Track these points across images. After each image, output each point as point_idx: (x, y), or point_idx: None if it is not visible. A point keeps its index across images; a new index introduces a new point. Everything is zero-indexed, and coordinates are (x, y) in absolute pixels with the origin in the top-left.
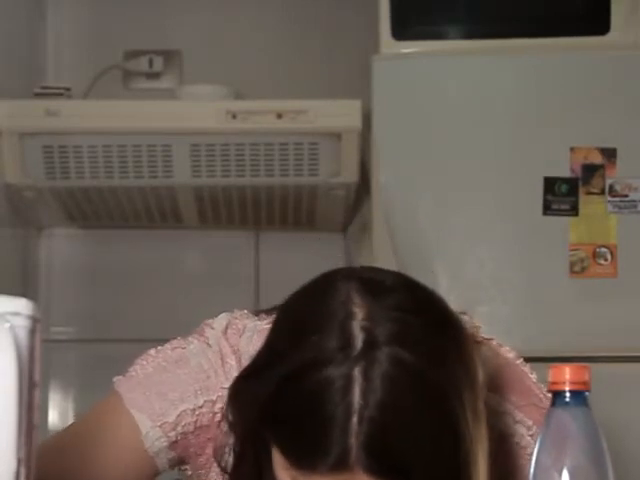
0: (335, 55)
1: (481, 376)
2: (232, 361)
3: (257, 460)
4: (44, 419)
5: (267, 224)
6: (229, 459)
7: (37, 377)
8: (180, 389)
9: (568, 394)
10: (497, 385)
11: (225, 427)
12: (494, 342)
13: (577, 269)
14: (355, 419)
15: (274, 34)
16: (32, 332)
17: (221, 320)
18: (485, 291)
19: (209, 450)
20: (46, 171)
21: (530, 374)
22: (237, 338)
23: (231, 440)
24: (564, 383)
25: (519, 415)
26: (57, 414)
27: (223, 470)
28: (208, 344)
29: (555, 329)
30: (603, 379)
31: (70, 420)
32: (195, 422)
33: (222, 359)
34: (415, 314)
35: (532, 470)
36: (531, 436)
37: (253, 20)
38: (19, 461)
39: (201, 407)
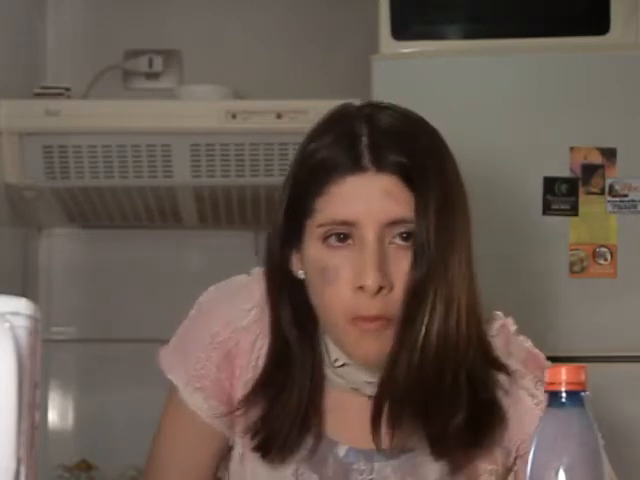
0: (335, 55)
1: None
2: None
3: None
4: (44, 419)
5: (267, 224)
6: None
7: (37, 377)
8: (195, 337)
9: (564, 394)
10: (525, 360)
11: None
12: (521, 337)
13: (577, 269)
14: (365, 131)
15: (274, 34)
16: (32, 332)
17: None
18: (485, 291)
19: (238, 371)
20: (46, 171)
21: None
22: None
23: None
24: (560, 383)
25: None
26: (57, 414)
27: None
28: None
29: (555, 329)
30: (603, 379)
31: (70, 420)
32: (212, 358)
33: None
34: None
35: (529, 470)
36: None
37: (253, 20)
38: (19, 461)
39: (211, 343)
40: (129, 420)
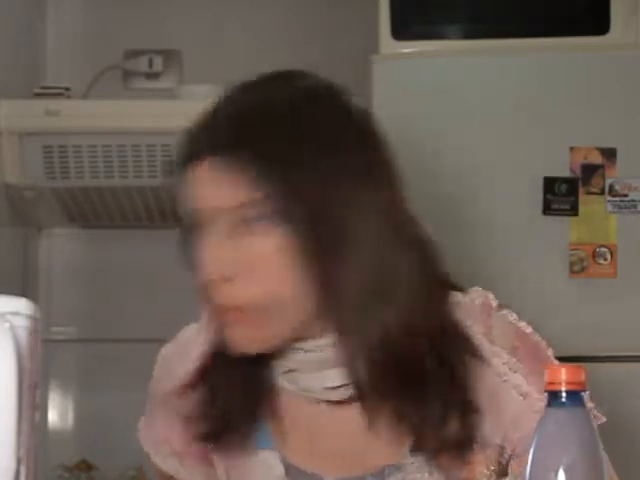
0: (335, 55)
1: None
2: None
3: None
4: (44, 419)
5: None
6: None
7: (37, 377)
8: (157, 401)
9: (564, 394)
10: (515, 347)
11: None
12: (504, 311)
13: (577, 269)
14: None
15: (274, 34)
16: (32, 332)
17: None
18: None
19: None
20: (46, 171)
21: (547, 349)
22: None
23: None
24: (560, 383)
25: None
26: (57, 414)
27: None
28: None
29: (555, 329)
30: (603, 379)
31: (70, 420)
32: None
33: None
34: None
35: (528, 470)
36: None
37: (253, 20)
38: (19, 461)
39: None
40: (129, 420)
